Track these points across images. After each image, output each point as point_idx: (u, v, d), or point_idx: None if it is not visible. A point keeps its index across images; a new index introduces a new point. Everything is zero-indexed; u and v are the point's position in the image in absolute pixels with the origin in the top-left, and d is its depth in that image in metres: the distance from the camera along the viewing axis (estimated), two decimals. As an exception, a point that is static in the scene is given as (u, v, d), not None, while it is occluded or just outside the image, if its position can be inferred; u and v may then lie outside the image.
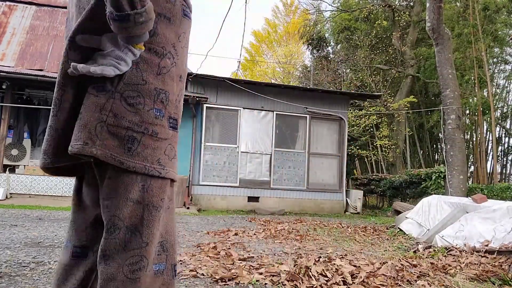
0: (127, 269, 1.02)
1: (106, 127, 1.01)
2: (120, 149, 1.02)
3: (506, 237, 3.96)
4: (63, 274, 1.17)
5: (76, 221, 1.19)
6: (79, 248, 1.17)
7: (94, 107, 1.02)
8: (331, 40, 21.53)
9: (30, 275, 2.61)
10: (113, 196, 1.04)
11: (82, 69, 0.98)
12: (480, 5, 13.80)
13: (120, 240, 1.03)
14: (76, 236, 1.17)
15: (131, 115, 1.04)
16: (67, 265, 1.17)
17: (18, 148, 9.22)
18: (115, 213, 1.03)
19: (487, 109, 13.85)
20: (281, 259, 3.51)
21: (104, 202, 1.05)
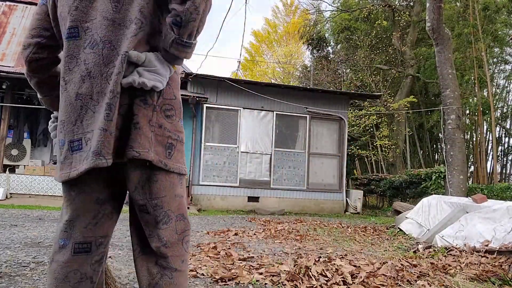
0: (186, 246, 1.33)
1: (155, 136, 1.23)
2: (164, 154, 1.25)
3: (506, 237, 3.95)
4: (63, 272, 1.24)
5: (77, 220, 1.27)
6: (82, 244, 1.27)
7: (146, 118, 1.21)
8: (331, 40, 21.54)
9: (30, 275, 2.61)
10: (163, 195, 1.27)
11: (139, 82, 1.18)
12: (480, 5, 13.80)
13: (173, 227, 1.29)
14: (79, 234, 1.27)
15: (169, 125, 1.28)
16: (68, 262, 1.25)
17: (18, 148, 9.22)
18: (167, 208, 1.28)
19: (487, 109, 13.86)
20: (281, 259, 3.51)
21: (152, 201, 1.26)
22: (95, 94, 1.20)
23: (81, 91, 1.21)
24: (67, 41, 1.25)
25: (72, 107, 1.22)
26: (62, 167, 1.24)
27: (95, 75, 1.20)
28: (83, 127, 1.21)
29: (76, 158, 1.22)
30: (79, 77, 1.22)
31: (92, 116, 1.20)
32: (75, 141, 1.22)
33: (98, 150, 1.16)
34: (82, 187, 1.27)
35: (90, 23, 1.24)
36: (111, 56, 1.20)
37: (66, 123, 1.23)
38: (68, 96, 1.23)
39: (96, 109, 1.20)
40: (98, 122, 1.18)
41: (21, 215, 5.78)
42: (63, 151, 1.25)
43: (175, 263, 1.30)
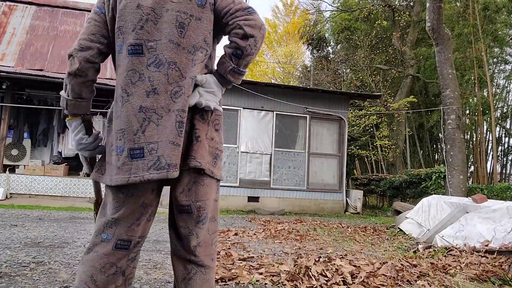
0: (214, 246, 1.54)
1: (208, 148, 1.44)
2: (211, 163, 1.45)
3: (506, 237, 3.95)
4: (101, 262, 1.38)
5: (123, 219, 1.40)
6: (124, 242, 1.41)
7: (204, 132, 1.42)
8: (331, 40, 21.54)
9: (30, 275, 2.61)
10: (206, 198, 1.45)
11: (205, 105, 1.41)
12: (480, 5, 13.80)
13: (206, 228, 1.48)
14: (122, 231, 1.40)
15: (217, 138, 1.49)
16: (107, 254, 1.38)
17: (18, 148, 9.22)
18: (208, 210, 1.46)
19: (487, 109, 13.86)
20: (281, 259, 3.51)
21: (197, 203, 1.43)
22: (158, 109, 1.34)
23: (145, 104, 1.34)
24: (130, 56, 1.37)
25: (135, 117, 1.34)
26: (119, 172, 1.34)
27: (159, 92, 1.34)
28: (145, 137, 1.33)
29: (138, 165, 1.33)
30: (143, 92, 1.34)
31: (155, 129, 1.33)
32: (136, 149, 1.33)
33: (173, 163, 1.32)
34: (132, 192, 1.39)
35: (154, 43, 1.36)
36: (175, 76, 1.35)
37: (126, 132, 1.34)
38: (131, 107, 1.34)
39: (159, 123, 1.34)
40: (165, 135, 1.33)
41: (21, 215, 5.78)
42: (120, 157, 1.35)
43: (207, 261, 1.48)
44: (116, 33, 1.41)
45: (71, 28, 11.50)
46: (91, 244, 1.41)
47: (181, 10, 1.38)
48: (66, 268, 2.86)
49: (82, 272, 1.39)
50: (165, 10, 1.38)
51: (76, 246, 3.71)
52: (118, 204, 1.40)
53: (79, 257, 3.25)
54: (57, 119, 9.59)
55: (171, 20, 1.37)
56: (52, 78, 8.41)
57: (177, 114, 1.34)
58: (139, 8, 1.38)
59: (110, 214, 1.41)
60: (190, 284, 1.46)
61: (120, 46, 1.40)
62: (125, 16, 1.38)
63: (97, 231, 1.42)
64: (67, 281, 2.54)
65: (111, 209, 1.42)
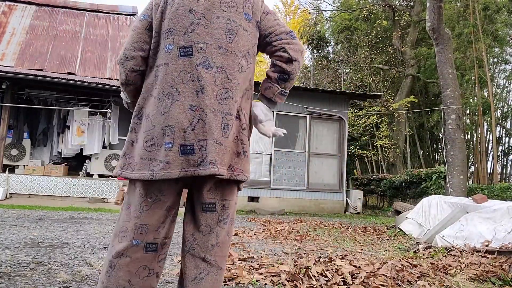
0: (228, 249, 1.58)
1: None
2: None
3: (506, 237, 3.95)
4: (135, 266, 1.44)
5: (150, 224, 1.46)
6: (152, 244, 1.47)
7: (248, 147, 1.54)
8: (331, 40, 21.53)
9: (30, 275, 2.60)
10: (230, 199, 1.52)
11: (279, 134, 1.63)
12: (480, 5, 13.80)
13: (226, 229, 1.53)
14: (151, 235, 1.46)
15: (248, 149, 1.56)
16: (140, 259, 1.45)
17: (18, 148, 9.21)
18: (230, 210, 1.52)
19: (487, 109, 13.85)
20: (281, 259, 3.51)
21: (221, 201, 1.49)
22: (205, 108, 1.40)
23: (195, 103, 1.41)
24: (182, 58, 1.43)
25: (185, 115, 1.40)
26: (168, 166, 1.38)
27: (207, 92, 1.41)
28: (195, 135, 1.40)
29: (188, 161, 1.39)
30: (193, 91, 1.41)
31: (203, 127, 1.40)
32: (187, 146, 1.39)
33: (213, 160, 1.38)
34: (159, 197, 1.46)
35: (204, 45, 1.44)
36: (222, 79, 1.44)
37: (176, 128, 1.40)
38: (182, 105, 1.41)
39: (206, 121, 1.40)
40: (211, 134, 1.39)
41: (21, 215, 5.77)
42: (170, 152, 1.39)
43: (221, 263, 1.52)
44: (165, 33, 1.47)
45: (71, 28, 11.49)
46: (121, 249, 1.44)
47: (231, 18, 1.48)
48: (66, 268, 2.85)
49: (119, 277, 1.43)
50: (216, 17, 1.47)
51: (76, 246, 3.71)
52: (146, 208, 1.45)
53: (79, 257, 3.24)
54: (57, 119, 9.59)
55: (221, 27, 1.46)
56: (51, 78, 8.40)
57: (224, 116, 1.42)
58: (191, 13, 1.46)
59: (137, 217, 1.46)
60: (202, 284, 1.47)
61: (169, 46, 1.45)
62: (176, 19, 1.46)
63: (126, 236, 1.46)
64: (67, 281, 2.53)
65: (137, 212, 1.46)
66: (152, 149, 1.42)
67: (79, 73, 9.98)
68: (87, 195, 8.73)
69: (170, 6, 1.47)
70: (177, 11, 1.46)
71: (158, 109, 1.44)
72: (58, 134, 9.60)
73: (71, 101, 9.52)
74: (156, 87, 1.47)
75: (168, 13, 1.47)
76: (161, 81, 1.45)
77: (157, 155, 1.41)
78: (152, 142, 1.43)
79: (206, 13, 1.46)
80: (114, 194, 8.77)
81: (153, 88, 1.48)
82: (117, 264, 1.44)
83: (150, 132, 1.44)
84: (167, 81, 1.44)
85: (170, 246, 4.12)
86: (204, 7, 1.46)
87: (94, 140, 9.33)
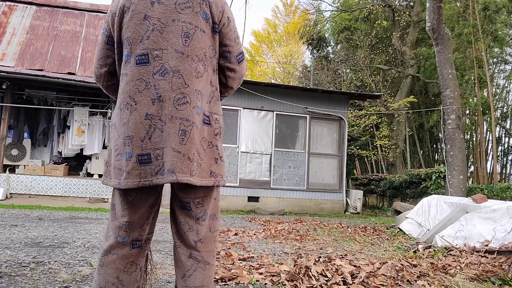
0: (216, 243, 1.59)
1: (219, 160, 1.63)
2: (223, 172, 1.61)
3: (506, 237, 3.95)
4: (123, 263, 1.48)
5: (134, 221, 1.50)
6: (138, 241, 1.52)
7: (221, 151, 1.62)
8: (331, 40, 21.52)
9: (30, 275, 2.61)
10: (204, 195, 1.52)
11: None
12: (480, 5, 13.80)
13: (207, 225, 1.54)
14: (136, 232, 1.50)
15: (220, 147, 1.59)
16: (127, 255, 1.49)
17: (18, 148, 9.21)
18: (205, 206, 1.52)
19: (487, 109, 13.85)
20: (281, 259, 3.51)
21: (195, 200, 1.50)
22: (163, 116, 1.39)
23: (150, 112, 1.39)
24: (138, 66, 1.42)
25: (141, 125, 1.39)
26: (128, 176, 1.40)
27: (164, 100, 1.39)
28: (152, 144, 1.39)
29: (146, 170, 1.39)
30: (149, 100, 1.39)
31: (160, 135, 1.39)
32: (144, 155, 1.39)
33: (176, 169, 1.37)
34: (141, 195, 1.47)
35: (159, 52, 1.41)
36: (178, 83, 1.41)
37: (134, 138, 1.40)
38: (138, 115, 1.40)
39: (163, 129, 1.39)
40: (168, 142, 1.38)
41: (21, 215, 5.78)
42: (129, 162, 1.40)
43: (208, 257, 1.53)
44: (124, 43, 1.47)
45: (71, 28, 11.49)
46: (108, 247, 1.49)
47: (187, 20, 1.44)
48: (66, 268, 2.86)
49: (107, 274, 1.47)
50: (171, 20, 1.43)
51: (76, 246, 3.71)
52: (127, 206, 1.48)
53: (79, 257, 3.25)
54: (57, 119, 9.59)
55: (177, 30, 1.43)
56: (52, 78, 8.41)
57: (181, 122, 1.40)
58: (146, 19, 1.43)
59: (121, 216, 1.50)
60: (191, 280, 1.49)
61: (127, 56, 1.45)
62: (132, 27, 1.43)
63: (112, 234, 1.51)
64: (67, 281, 2.54)
65: (121, 211, 1.50)
66: (118, 159, 1.45)
67: (79, 73, 9.99)
68: (87, 195, 8.74)
69: (127, 14, 1.45)
70: (132, 19, 1.43)
71: (120, 119, 1.45)
72: (58, 134, 9.61)
73: (71, 101, 9.53)
74: (119, 98, 1.48)
75: (125, 22, 1.45)
76: (122, 91, 1.46)
77: (121, 165, 1.43)
78: (118, 152, 1.45)
79: (161, 17, 1.43)
80: (114, 194, 8.77)
81: (118, 99, 1.50)
82: (105, 261, 1.47)
83: (116, 143, 1.47)
84: (126, 91, 1.43)
85: (170, 246, 4.12)
86: (159, 11, 1.43)
87: (94, 140, 9.34)
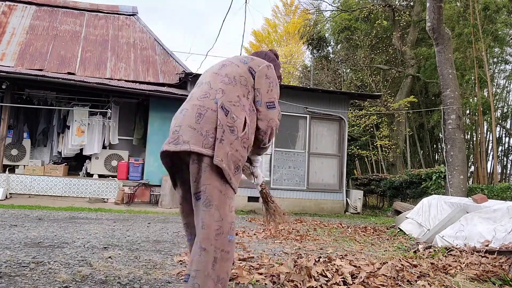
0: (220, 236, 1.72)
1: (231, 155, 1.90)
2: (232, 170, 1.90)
3: (507, 237, 3.95)
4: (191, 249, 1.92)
5: (191, 222, 1.94)
6: (185, 225, 2.06)
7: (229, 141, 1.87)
8: (331, 40, 21.53)
9: (30, 275, 2.60)
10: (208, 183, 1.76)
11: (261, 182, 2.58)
12: (480, 5, 13.79)
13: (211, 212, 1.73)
14: (195, 231, 1.83)
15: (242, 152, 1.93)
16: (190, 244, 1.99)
17: (18, 148, 9.21)
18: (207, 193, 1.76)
19: (487, 109, 13.84)
20: (281, 259, 3.51)
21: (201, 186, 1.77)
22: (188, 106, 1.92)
23: (183, 107, 1.95)
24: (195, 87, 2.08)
25: (177, 116, 1.94)
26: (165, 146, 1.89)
27: (193, 97, 1.95)
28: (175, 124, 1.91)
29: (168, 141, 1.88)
30: (186, 101, 1.99)
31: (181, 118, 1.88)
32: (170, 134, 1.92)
33: (187, 140, 1.77)
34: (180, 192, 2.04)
35: (203, 77, 2.08)
36: (205, 88, 1.95)
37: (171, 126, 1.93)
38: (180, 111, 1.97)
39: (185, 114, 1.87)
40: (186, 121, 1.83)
41: (21, 215, 5.78)
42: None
43: (204, 243, 1.68)
44: None
45: (71, 28, 11.49)
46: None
47: (229, 59, 2.10)
48: (66, 268, 2.85)
49: None
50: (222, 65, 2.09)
51: (76, 246, 3.71)
52: (182, 214, 2.15)
53: (79, 257, 3.24)
54: (57, 119, 9.59)
55: (219, 64, 2.09)
56: (51, 78, 8.40)
57: (198, 108, 1.84)
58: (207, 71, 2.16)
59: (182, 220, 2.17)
60: (190, 266, 1.69)
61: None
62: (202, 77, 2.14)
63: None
64: (67, 281, 2.53)
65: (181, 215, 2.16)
66: None
67: (79, 73, 9.98)
68: (87, 195, 8.73)
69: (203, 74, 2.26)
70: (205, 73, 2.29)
71: None
72: (58, 134, 9.60)
73: (71, 101, 9.52)
74: None
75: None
76: None
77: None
78: None
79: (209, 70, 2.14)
80: (114, 194, 8.77)
81: None
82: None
83: None
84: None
85: (170, 246, 4.12)
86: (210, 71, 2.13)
87: (94, 140, 9.33)
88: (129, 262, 3.18)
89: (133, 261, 3.23)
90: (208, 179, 1.73)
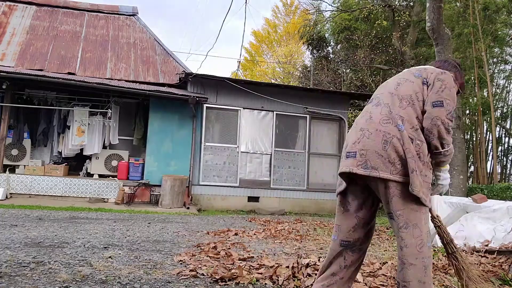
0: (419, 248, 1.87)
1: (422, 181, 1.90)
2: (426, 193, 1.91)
3: (506, 237, 3.95)
4: (334, 256, 2.01)
5: (342, 223, 2.03)
6: (345, 242, 2.00)
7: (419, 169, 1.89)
8: (331, 40, 21.50)
9: (30, 275, 2.61)
10: (403, 208, 1.86)
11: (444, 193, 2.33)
12: (480, 5, 13.79)
13: (410, 232, 1.86)
14: (343, 234, 2.01)
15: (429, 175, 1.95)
16: (336, 251, 2.01)
17: (18, 148, 9.22)
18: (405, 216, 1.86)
19: (487, 109, 13.85)
20: (281, 259, 3.51)
21: (397, 212, 1.87)
22: (370, 129, 1.92)
23: (363, 126, 1.96)
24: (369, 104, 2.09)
25: (356, 133, 1.97)
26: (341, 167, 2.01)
27: (374, 119, 1.94)
28: (359, 145, 1.91)
29: (348, 162, 1.94)
30: (364, 120, 1.99)
31: (366, 141, 1.90)
32: (351, 153, 1.94)
33: (375, 166, 1.85)
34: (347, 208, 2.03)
35: (380, 95, 2.06)
36: (386, 111, 1.94)
37: (349, 143, 1.98)
38: (355, 127, 2.01)
39: (369, 137, 1.90)
40: (372, 146, 1.87)
41: (21, 215, 5.78)
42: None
43: (411, 259, 1.86)
44: None
45: (71, 28, 11.50)
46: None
47: (403, 77, 2.09)
48: (66, 268, 2.86)
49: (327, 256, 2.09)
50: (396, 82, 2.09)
51: (76, 246, 3.71)
52: (338, 214, 2.07)
53: (79, 257, 3.25)
54: (57, 119, 9.59)
55: (394, 82, 2.09)
56: (52, 78, 8.41)
57: (384, 134, 1.87)
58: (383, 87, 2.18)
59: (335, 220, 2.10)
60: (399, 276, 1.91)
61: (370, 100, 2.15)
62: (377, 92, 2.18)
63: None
64: (67, 281, 2.54)
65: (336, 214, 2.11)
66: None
67: (79, 73, 9.99)
68: (87, 195, 8.74)
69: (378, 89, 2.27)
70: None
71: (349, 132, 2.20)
72: (58, 134, 9.60)
73: (71, 101, 9.52)
74: None
75: None
76: None
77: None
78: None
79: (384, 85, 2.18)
80: (114, 194, 8.78)
81: None
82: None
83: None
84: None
85: (170, 246, 4.12)
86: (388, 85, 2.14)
87: (94, 140, 9.34)
88: (129, 262, 3.18)
89: (133, 261, 3.24)
90: (403, 204, 1.84)
